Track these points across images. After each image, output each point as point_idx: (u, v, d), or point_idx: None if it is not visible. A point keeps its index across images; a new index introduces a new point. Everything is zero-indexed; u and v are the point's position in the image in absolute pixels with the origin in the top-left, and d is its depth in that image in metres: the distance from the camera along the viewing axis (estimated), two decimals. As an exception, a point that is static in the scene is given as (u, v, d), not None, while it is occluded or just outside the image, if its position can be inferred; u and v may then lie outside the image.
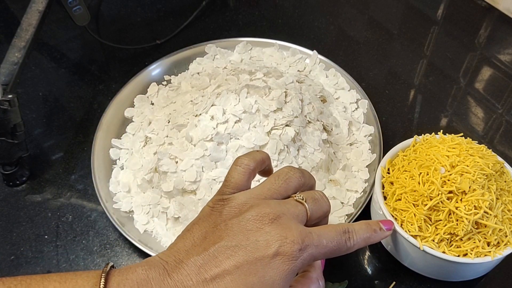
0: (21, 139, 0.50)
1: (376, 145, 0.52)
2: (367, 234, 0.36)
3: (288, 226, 0.32)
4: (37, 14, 0.53)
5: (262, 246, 0.31)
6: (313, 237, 0.33)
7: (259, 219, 0.32)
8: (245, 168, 0.36)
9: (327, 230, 0.34)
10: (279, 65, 0.61)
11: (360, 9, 0.74)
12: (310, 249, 0.32)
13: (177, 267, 0.30)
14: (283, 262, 0.31)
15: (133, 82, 0.59)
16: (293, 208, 0.34)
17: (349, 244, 0.35)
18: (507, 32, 0.68)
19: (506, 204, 0.40)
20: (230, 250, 0.31)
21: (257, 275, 0.31)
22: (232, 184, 0.35)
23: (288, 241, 0.31)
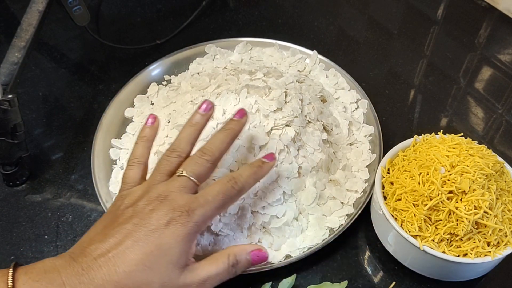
0: (21, 139, 0.50)
1: (376, 145, 0.52)
2: (251, 171, 0.41)
3: (174, 200, 0.37)
4: (37, 14, 0.53)
5: (155, 221, 0.36)
6: (199, 199, 0.37)
7: (150, 203, 0.37)
8: (136, 164, 0.41)
9: (212, 187, 0.39)
10: (279, 65, 0.61)
11: (360, 9, 0.74)
12: (198, 210, 0.37)
13: (82, 253, 0.35)
14: (176, 229, 0.36)
15: (133, 82, 0.59)
16: (177, 183, 0.38)
17: (237, 187, 0.39)
18: (507, 32, 0.68)
19: (506, 204, 0.40)
20: (128, 230, 0.35)
21: (153, 243, 0.35)
22: (128, 180, 0.40)
23: (176, 211, 0.36)
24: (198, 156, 0.40)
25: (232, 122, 0.42)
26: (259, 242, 0.46)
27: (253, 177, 0.41)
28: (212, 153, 0.40)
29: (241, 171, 0.41)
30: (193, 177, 0.39)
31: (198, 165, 0.39)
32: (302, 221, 0.46)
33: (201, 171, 0.39)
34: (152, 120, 0.44)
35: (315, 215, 0.47)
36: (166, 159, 0.40)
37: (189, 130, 0.42)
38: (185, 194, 0.38)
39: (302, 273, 0.45)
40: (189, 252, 0.37)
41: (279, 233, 0.45)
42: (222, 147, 0.41)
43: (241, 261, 0.40)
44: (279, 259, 0.44)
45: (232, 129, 0.42)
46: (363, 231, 0.48)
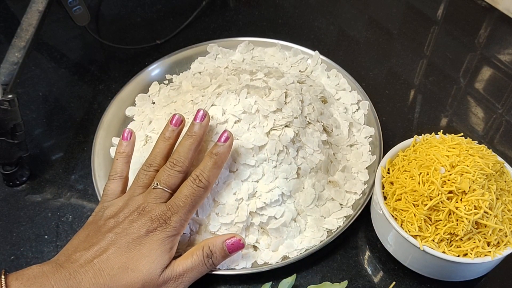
0: (21, 139, 0.50)
1: (376, 147, 0.52)
2: (211, 162, 0.42)
3: (152, 211, 0.40)
4: (37, 14, 0.53)
5: (136, 230, 0.39)
6: (172, 207, 0.40)
7: (130, 214, 0.40)
8: (117, 179, 0.44)
9: (180, 192, 0.41)
10: (280, 65, 0.61)
11: (360, 9, 0.74)
12: (174, 217, 0.40)
13: (67, 260, 0.37)
14: (155, 235, 0.39)
15: (135, 81, 0.59)
16: (153, 195, 0.41)
17: (202, 185, 0.41)
18: (507, 32, 0.68)
19: (506, 204, 0.40)
20: (110, 238, 0.39)
21: (135, 249, 0.39)
22: (109, 193, 0.43)
23: (154, 222, 0.40)
24: (169, 168, 0.42)
25: (195, 126, 0.44)
26: (257, 242, 0.46)
27: (215, 167, 0.42)
28: (181, 163, 0.42)
29: (202, 165, 0.42)
30: (167, 188, 0.42)
31: (170, 176, 0.42)
32: (300, 222, 0.46)
33: (173, 182, 0.42)
34: (128, 136, 0.46)
35: (314, 216, 0.47)
36: (144, 173, 0.43)
37: (162, 145, 0.44)
38: (160, 204, 0.41)
39: (302, 273, 0.45)
40: (170, 253, 0.40)
41: (277, 234, 0.45)
42: (190, 155, 0.43)
43: (216, 252, 0.41)
44: (276, 260, 0.44)
45: (196, 134, 0.43)
46: (363, 231, 0.48)
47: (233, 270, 0.44)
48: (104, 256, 0.38)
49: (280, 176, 0.46)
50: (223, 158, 0.43)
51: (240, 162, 0.46)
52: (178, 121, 0.45)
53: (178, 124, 0.45)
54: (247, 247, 0.46)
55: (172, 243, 0.41)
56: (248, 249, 0.46)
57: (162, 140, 0.45)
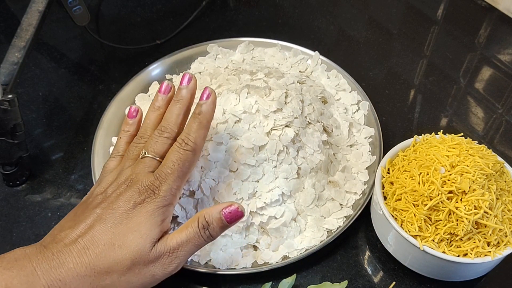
0: (21, 139, 0.50)
1: (376, 147, 0.52)
2: (196, 123, 0.40)
3: (140, 181, 0.38)
4: (37, 14, 0.53)
5: (123, 203, 0.37)
6: (160, 175, 0.38)
7: (118, 187, 0.38)
8: (118, 157, 0.43)
9: (168, 158, 0.39)
10: (280, 65, 0.61)
11: (360, 9, 0.74)
12: (163, 185, 0.38)
13: (53, 240, 0.36)
14: (143, 206, 0.37)
15: (134, 81, 0.59)
16: (142, 165, 0.39)
17: (189, 148, 0.39)
18: (507, 32, 0.68)
19: (506, 204, 0.40)
20: (97, 214, 0.37)
21: (122, 223, 0.36)
22: (106, 169, 0.42)
23: (142, 193, 0.37)
24: (158, 135, 0.41)
25: (181, 90, 0.42)
26: (257, 242, 0.46)
27: (200, 127, 0.40)
28: (170, 129, 0.41)
29: (187, 128, 0.40)
30: (156, 156, 0.40)
31: (158, 143, 0.40)
32: (300, 222, 0.46)
33: (162, 149, 0.40)
34: (135, 113, 0.45)
35: (314, 216, 0.47)
36: (134, 146, 0.42)
37: (152, 116, 0.43)
38: (149, 174, 0.39)
39: (302, 273, 0.45)
40: (161, 226, 0.38)
41: (277, 233, 0.45)
42: (178, 120, 0.41)
43: (212, 222, 0.38)
44: (276, 260, 0.44)
45: (184, 98, 0.42)
46: (363, 231, 0.48)
47: (233, 270, 0.44)
48: (89, 234, 0.35)
49: (280, 176, 0.46)
50: (207, 116, 0.41)
51: (240, 162, 0.46)
52: (168, 89, 0.43)
53: (168, 91, 0.43)
54: (247, 247, 0.46)
55: (164, 214, 0.38)
56: (248, 249, 0.46)
57: (152, 110, 0.43)
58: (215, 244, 0.45)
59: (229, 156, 0.46)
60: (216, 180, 0.46)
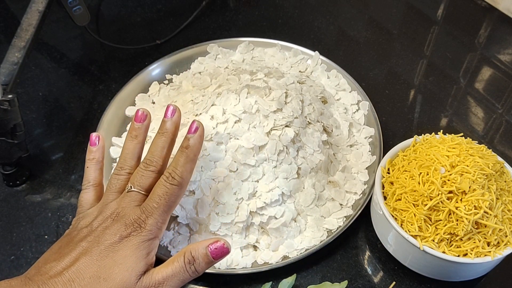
0: (21, 139, 0.50)
1: (376, 147, 0.52)
2: (183, 157, 0.40)
3: (126, 215, 0.38)
4: (37, 14, 0.53)
5: (109, 237, 0.37)
6: (146, 209, 0.38)
7: (104, 221, 0.38)
8: (90, 187, 0.42)
9: (154, 192, 0.39)
10: (280, 65, 0.61)
11: (360, 9, 0.74)
12: (149, 220, 0.38)
13: (37, 272, 0.35)
14: (129, 240, 0.37)
15: (135, 81, 0.59)
16: (128, 199, 0.39)
17: (176, 182, 0.39)
18: (507, 32, 0.68)
19: (506, 204, 0.40)
20: (83, 247, 0.36)
21: (108, 256, 0.36)
22: (83, 204, 0.41)
23: (128, 227, 0.37)
24: (143, 169, 0.40)
25: (166, 123, 0.42)
26: (257, 242, 0.46)
27: (187, 161, 0.40)
28: (156, 163, 0.41)
29: (174, 162, 0.40)
30: (142, 190, 0.40)
31: (144, 177, 0.40)
32: (300, 222, 0.46)
33: (147, 183, 0.40)
34: (97, 140, 0.44)
35: (314, 216, 0.47)
36: (116, 178, 0.41)
37: (131, 145, 0.42)
38: (135, 208, 0.39)
39: (302, 273, 0.45)
40: (147, 258, 0.37)
41: (277, 233, 0.45)
42: (163, 153, 0.41)
43: (198, 257, 0.38)
44: (276, 260, 0.44)
45: (168, 131, 0.42)
46: (363, 231, 0.48)
47: (233, 270, 0.44)
48: (75, 266, 0.35)
49: (280, 176, 0.46)
50: (195, 150, 0.40)
51: (241, 162, 0.46)
52: (143, 116, 0.43)
53: (144, 119, 0.43)
54: (247, 247, 0.46)
55: (149, 248, 0.38)
56: (248, 249, 0.46)
57: (129, 140, 0.43)
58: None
59: (229, 156, 0.46)
60: (216, 180, 0.46)
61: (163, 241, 0.46)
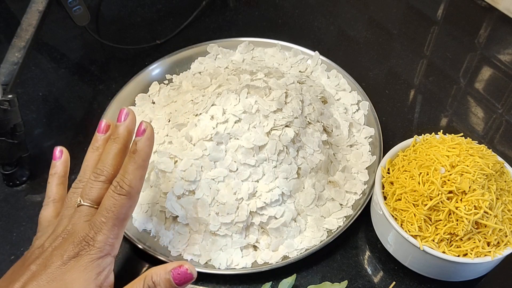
0: (21, 139, 0.50)
1: (376, 147, 0.52)
2: (130, 163, 0.37)
3: (76, 233, 0.35)
4: (37, 14, 0.53)
5: (56, 258, 0.34)
6: (94, 224, 0.35)
7: (54, 240, 0.36)
8: (50, 203, 0.40)
9: (102, 205, 0.36)
10: (280, 65, 0.61)
11: (360, 9, 0.74)
12: (98, 236, 0.35)
13: None
14: (77, 260, 0.34)
15: (135, 81, 0.59)
16: (78, 214, 0.37)
17: (124, 191, 0.36)
18: (507, 32, 0.68)
19: (506, 204, 0.40)
20: (32, 272, 0.34)
21: (56, 280, 0.33)
22: (42, 221, 0.40)
23: (77, 246, 0.35)
24: (93, 180, 0.38)
25: (118, 128, 0.39)
26: (257, 242, 0.46)
27: (137, 168, 0.37)
28: (106, 172, 0.38)
29: (123, 169, 0.37)
30: (92, 203, 0.37)
31: (94, 189, 0.37)
32: (300, 222, 0.46)
33: (98, 195, 0.37)
34: (60, 154, 0.42)
35: (314, 216, 0.47)
36: (73, 192, 0.39)
37: (91, 157, 0.40)
38: (85, 224, 0.36)
39: (302, 273, 0.45)
40: (97, 280, 0.35)
41: (277, 233, 0.45)
42: (115, 161, 0.38)
43: (160, 283, 0.35)
44: (276, 260, 0.44)
45: (120, 136, 0.39)
46: (363, 231, 0.48)
47: (233, 270, 0.44)
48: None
49: (280, 176, 0.46)
50: (143, 155, 0.37)
51: (240, 162, 0.46)
52: (106, 127, 0.41)
53: (106, 130, 0.41)
54: (247, 247, 0.46)
55: (100, 267, 0.35)
56: (248, 249, 0.46)
57: (91, 151, 0.40)
58: (215, 244, 0.45)
59: (229, 156, 0.46)
60: (215, 180, 0.46)
61: (163, 241, 0.46)
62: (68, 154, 0.42)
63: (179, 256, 0.45)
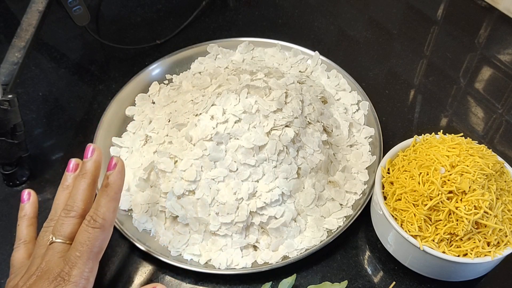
0: (21, 139, 0.50)
1: (376, 147, 0.52)
2: (103, 196, 0.38)
3: (50, 270, 0.35)
4: (37, 14, 0.53)
5: None
6: (70, 259, 0.36)
7: (28, 279, 0.35)
8: (21, 245, 0.40)
9: (76, 239, 0.37)
10: (280, 65, 0.61)
11: (360, 9, 0.74)
12: (73, 271, 0.35)
13: None
14: None
15: (135, 81, 0.59)
16: (51, 251, 0.37)
17: (98, 225, 0.37)
18: (507, 32, 0.68)
19: (506, 204, 0.40)
20: None
21: None
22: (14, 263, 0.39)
23: (51, 283, 0.35)
24: (64, 216, 0.38)
25: (85, 164, 0.40)
26: (257, 242, 0.46)
27: (109, 200, 0.38)
28: (76, 207, 0.38)
29: (96, 203, 0.38)
30: (64, 239, 0.37)
31: (65, 225, 0.38)
32: (300, 222, 0.46)
33: (70, 230, 0.38)
34: (28, 196, 0.42)
35: (314, 216, 0.47)
36: (45, 231, 0.39)
37: (62, 196, 0.41)
38: (59, 260, 0.36)
39: (302, 273, 0.45)
40: None
41: (277, 233, 0.45)
42: (84, 196, 0.39)
43: None
44: (276, 260, 0.44)
45: (88, 171, 0.40)
46: (363, 231, 0.48)
47: (233, 270, 0.44)
48: None
49: (280, 176, 0.46)
50: (115, 188, 0.39)
51: (240, 162, 0.46)
52: (75, 166, 0.42)
53: (76, 169, 0.42)
54: (247, 246, 0.46)
55: None
56: (248, 249, 0.46)
57: (61, 190, 0.41)
58: (215, 244, 0.45)
59: (229, 156, 0.46)
60: (215, 180, 0.46)
61: (163, 241, 0.46)
62: (36, 196, 0.43)
63: (179, 256, 0.45)
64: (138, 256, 0.47)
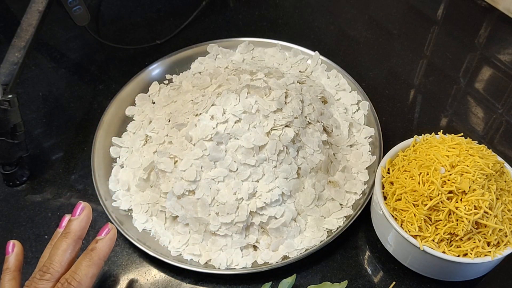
0: (21, 139, 0.50)
1: (376, 147, 0.52)
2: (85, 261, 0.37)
3: None
4: (37, 14, 0.53)
5: None
6: None
7: None
8: None
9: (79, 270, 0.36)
10: (280, 65, 0.61)
11: (360, 9, 0.74)
12: None
13: None
14: None
15: (135, 81, 0.59)
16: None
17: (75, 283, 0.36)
18: (507, 32, 0.68)
19: (506, 204, 0.40)
20: None
21: None
22: None
23: None
24: (38, 278, 0.37)
25: (71, 222, 0.38)
26: (257, 242, 0.46)
27: (90, 265, 0.37)
28: (53, 269, 0.37)
29: (75, 265, 0.37)
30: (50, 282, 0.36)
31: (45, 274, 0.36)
32: (300, 222, 0.46)
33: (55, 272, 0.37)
34: (12, 247, 0.41)
35: (314, 216, 0.47)
36: None
37: (47, 254, 0.39)
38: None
39: (302, 273, 0.45)
40: None
41: (277, 233, 0.45)
42: (63, 257, 0.37)
43: None
44: (276, 260, 0.44)
45: (72, 231, 0.38)
46: (363, 231, 0.48)
47: (233, 270, 0.44)
48: None
49: (280, 176, 0.46)
50: (100, 254, 0.37)
51: (240, 162, 0.46)
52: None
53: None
54: (247, 246, 0.46)
55: None
56: (248, 249, 0.46)
57: (48, 247, 0.40)
58: (215, 244, 0.45)
59: (229, 156, 0.46)
60: (215, 180, 0.46)
61: (163, 241, 0.46)
62: (21, 247, 0.41)
63: (179, 256, 0.45)
64: (139, 257, 0.47)
